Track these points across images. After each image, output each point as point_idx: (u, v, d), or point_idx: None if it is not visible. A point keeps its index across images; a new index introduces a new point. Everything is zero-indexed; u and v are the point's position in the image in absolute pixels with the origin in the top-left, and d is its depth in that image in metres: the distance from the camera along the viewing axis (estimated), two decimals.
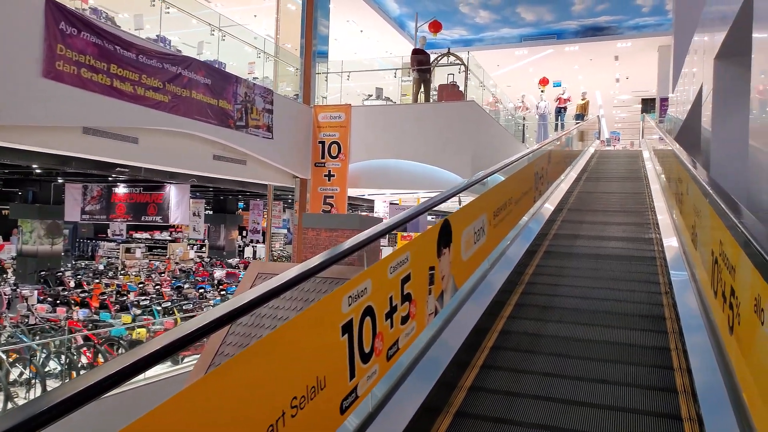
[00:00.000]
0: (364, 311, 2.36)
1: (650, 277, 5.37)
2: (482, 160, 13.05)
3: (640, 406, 3.13)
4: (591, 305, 4.66)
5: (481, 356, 3.74)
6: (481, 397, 3.25)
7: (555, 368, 3.60)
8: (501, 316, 4.41)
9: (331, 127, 14.16)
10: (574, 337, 4.07)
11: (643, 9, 18.38)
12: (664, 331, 4.11)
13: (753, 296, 2.18)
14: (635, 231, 7.32)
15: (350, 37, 20.23)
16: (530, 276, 5.46)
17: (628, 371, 3.53)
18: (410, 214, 3.40)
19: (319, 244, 9.24)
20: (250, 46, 13.57)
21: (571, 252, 6.34)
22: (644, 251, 6.30)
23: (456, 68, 14.53)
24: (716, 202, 3.04)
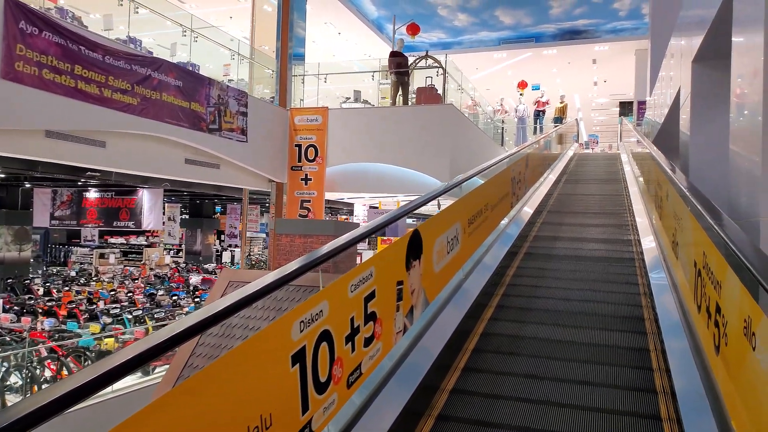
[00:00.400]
0: (319, 336, 2.15)
1: (629, 278, 5.40)
2: (461, 164, 12.92)
3: (621, 406, 3.17)
4: (571, 306, 4.70)
5: (462, 358, 3.74)
6: (464, 399, 3.26)
7: (537, 370, 3.63)
8: (482, 318, 4.42)
9: (307, 130, 13.92)
10: (555, 338, 4.09)
11: (620, 13, 18.44)
12: (643, 332, 4.14)
13: (742, 317, 2.01)
14: (614, 233, 7.35)
15: (328, 39, 20.01)
16: (511, 278, 5.47)
17: (608, 372, 3.56)
18: (384, 221, 3.26)
19: (294, 251, 9.00)
20: (225, 48, 13.28)
21: (551, 254, 6.35)
22: (623, 252, 6.34)
23: (434, 71, 14.39)
24: (699, 212, 2.89)
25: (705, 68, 5.89)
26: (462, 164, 12.97)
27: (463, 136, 13.84)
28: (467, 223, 4.33)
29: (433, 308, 3.82)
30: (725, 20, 4.95)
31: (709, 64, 5.88)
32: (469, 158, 13.99)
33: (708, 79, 5.88)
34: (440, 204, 12.98)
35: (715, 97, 5.84)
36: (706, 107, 5.90)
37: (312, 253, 2.60)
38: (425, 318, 3.69)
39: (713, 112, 5.86)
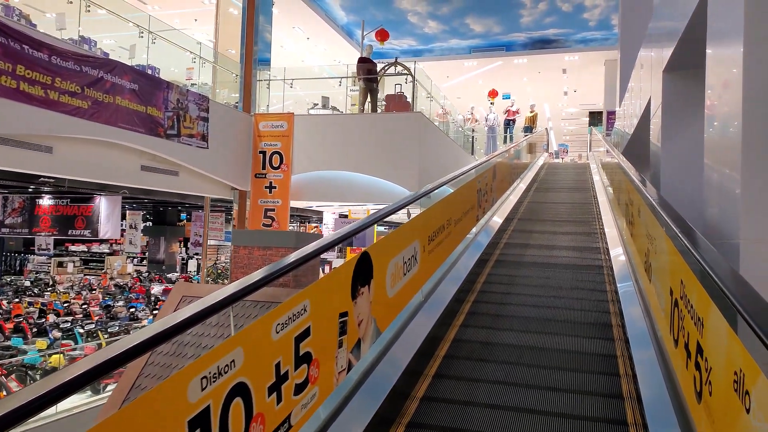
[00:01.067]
0: (231, 391, 1.79)
1: (598, 285, 5.48)
2: (430, 173, 12.66)
3: (589, 412, 3.22)
4: (541, 313, 4.75)
5: (434, 365, 3.74)
6: (434, 406, 3.26)
7: (507, 376, 3.66)
8: (454, 324, 4.43)
9: (272, 137, 13.50)
10: (526, 345, 4.12)
11: (590, 23, 18.47)
12: (610, 338, 4.19)
13: (731, 368, 1.70)
14: (583, 240, 7.42)
15: (297, 44, 19.63)
16: (482, 284, 5.52)
17: (577, 378, 3.61)
18: (343, 235, 3.03)
19: (252, 264, 8.58)
20: (186, 51, 12.79)
21: (521, 261, 6.41)
22: (592, 260, 6.42)
23: (404, 78, 14.13)
24: (676, 235, 2.60)
25: (676, 78, 5.70)
26: (431, 173, 12.72)
27: (433, 144, 13.59)
28: (427, 240, 4.01)
29: (404, 315, 3.76)
30: (697, 31, 4.75)
31: (681, 74, 5.69)
32: (439, 167, 13.74)
33: (679, 89, 5.68)
34: (410, 213, 12.64)
35: (686, 107, 5.64)
36: (677, 118, 5.70)
37: (268, 267, 2.39)
38: (397, 324, 3.60)
39: (684, 122, 5.67)
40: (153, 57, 12.65)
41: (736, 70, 3.18)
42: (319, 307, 2.31)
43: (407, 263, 3.52)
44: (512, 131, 20.20)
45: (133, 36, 11.92)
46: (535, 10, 17.66)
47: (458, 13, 18.01)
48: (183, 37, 13.70)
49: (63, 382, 1.38)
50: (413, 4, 17.42)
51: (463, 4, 17.28)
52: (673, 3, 5.63)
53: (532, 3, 17.19)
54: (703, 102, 5.59)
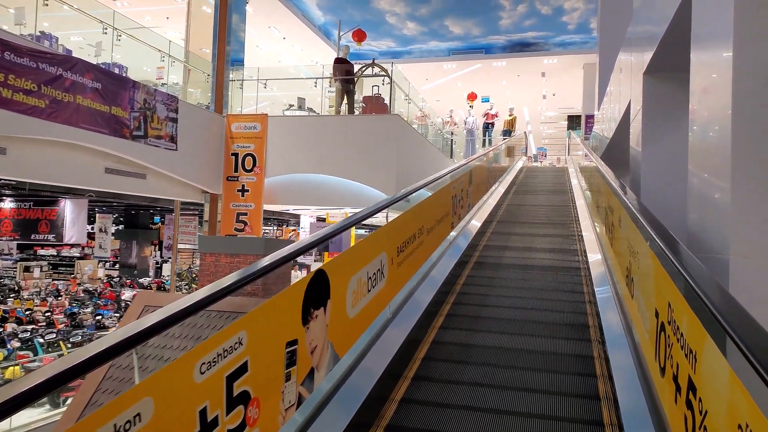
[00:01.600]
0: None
1: (575, 287, 5.51)
2: (408, 177, 12.41)
3: (566, 413, 3.22)
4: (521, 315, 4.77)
5: (413, 367, 3.72)
6: (412, 409, 3.25)
7: (485, 378, 3.66)
8: (433, 326, 4.41)
9: (245, 138, 13.13)
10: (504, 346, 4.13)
11: (569, 26, 18.39)
12: (587, 339, 4.22)
13: (735, 420, 1.44)
14: (561, 242, 7.48)
15: (273, 44, 19.25)
16: (461, 286, 5.52)
17: (554, 379, 3.61)
18: (314, 240, 2.86)
19: (219, 271, 8.23)
20: (155, 50, 12.36)
21: (500, 263, 6.42)
22: (570, 262, 6.47)
23: (381, 80, 13.85)
24: (664, 253, 2.35)
25: (657, 81, 5.49)
26: (410, 177, 12.47)
27: (411, 148, 13.34)
28: (396, 252, 3.72)
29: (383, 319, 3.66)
30: (679, 34, 4.54)
31: (662, 77, 5.49)
32: (418, 171, 13.49)
33: (660, 92, 5.48)
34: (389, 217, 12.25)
35: (667, 111, 5.44)
36: (658, 122, 5.50)
37: (230, 276, 2.17)
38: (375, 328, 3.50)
39: (666, 127, 5.46)
40: (123, 56, 12.24)
41: (724, 73, 2.95)
42: (259, 338, 2.01)
43: (372, 278, 3.23)
44: (491, 135, 20.04)
45: (100, 33, 11.49)
46: (515, 12, 17.52)
47: (437, 15, 17.80)
48: (152, 35, 13.27)
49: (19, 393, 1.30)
50: (391, 4, 17.17)
51: (442, 6, 17.08)
52: (654, 6, 5.43)
53: (512, 5, 17.05)
54: (685, 106, 5.39)
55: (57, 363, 1.47)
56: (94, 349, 1.52)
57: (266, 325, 2.08)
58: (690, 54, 3.86)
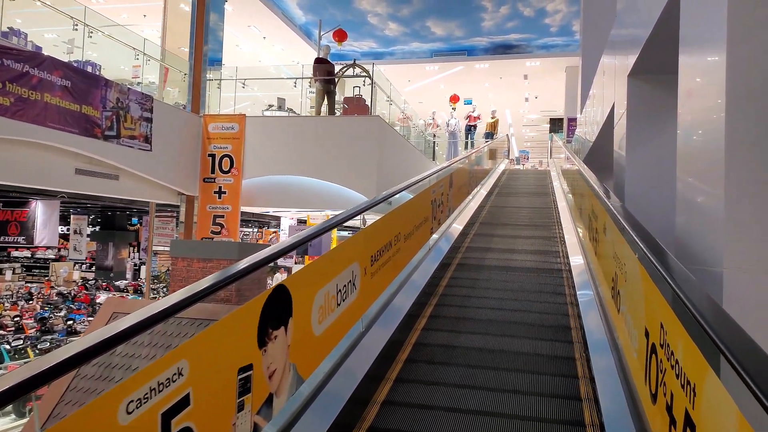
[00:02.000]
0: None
1: (557, 288, 5.49)
2: (389, 179, 12.21)
3: (548, 414, 3.22)
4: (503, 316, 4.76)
5: (395, 369, 3.69)
6: (395, 411, 3.22)
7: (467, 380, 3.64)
8: (415, 328, 4.39)
9: (222, 139, 12.83)
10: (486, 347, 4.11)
11: (551, 29, 18.33)
12: (569, 341, 4.20)
13: None
14: (543, 244, 7.46)
15: (253, 44, 18.94)
16: (444, 288, 5.50)
17: (536, 380, 3.60)
18: (285, 247, 2.71)
19: (191, 277, 7.93)
20: (129, 47, 12.00)
21: (482, 264, 6.40)
22: (552, 263, 6.48)
23: (363, 81, 13.64)
24: (656, 270, 2.15)
25: (642, 83, 5.34)
26: (390, 179, 12.27)
27: (393, 150, 13.13)
28: (369, 262, 3.50)
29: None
30: (665, 35, 4.39)
31: (647, 78, 5.34)
32: (399, 173, 13.30)
33: (646, 95, 5.33)
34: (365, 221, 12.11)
35: (653, 114, 5.30)
36: (643, 125, 5.35)
37: (200, 282, 2.10)
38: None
39: (651, 130, 5.31)
40: (99, 54, 11.90)
41: (717, 74, 2.78)
42: (204, 366, 1.77)
43: (342, 291, 3.00)
44: (473, 137, 19.92)
45: (72, 30, 11.13)
46: (497, 14, 17.41)
47: (419, 16, 17.63)
48: (127, 32, 12.92)
49: None
50: (373, 4, 16.97)
51: (424, 6, 16.92)
52: (639, 8, 5.28)
53: (494, 7, 16.94)
54: (671, 108, 5.24)
55: (19, 371, 1.41)
56: (54, 359, 1.45)
57: (213, 352, 1.85)
58: (677, 56, 3.70)
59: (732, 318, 1.62)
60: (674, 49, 4.81)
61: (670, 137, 5.23)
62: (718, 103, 2.72)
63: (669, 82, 5.25)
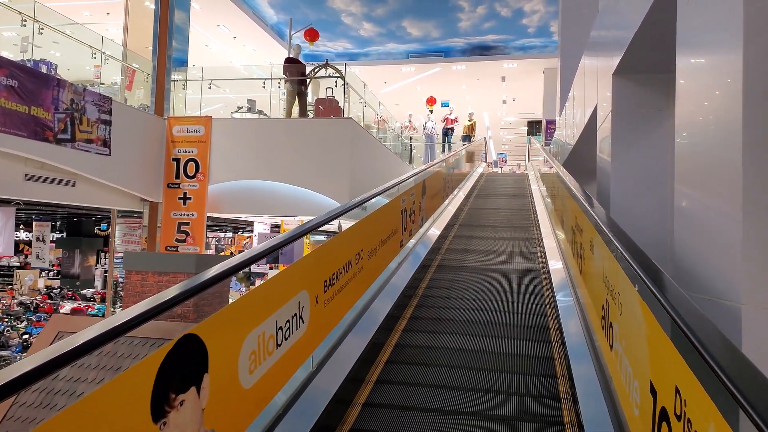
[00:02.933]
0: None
1: (536, 288, 5.48)
2: (362, 184, 11.73)
3: (528, 413, 3.21)
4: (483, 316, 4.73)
5: (375, 371, 3.65)
6: (376, 412, 3.19)
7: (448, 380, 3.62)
8: (396, 329, 4.35)
9: (187, 142, 12.21)
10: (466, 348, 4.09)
11: (528, 29, 18.01)
12: (548, 341, 4.21)
13: None
14: (522, 245, 7.44)
15: (224, 44, 18.32)
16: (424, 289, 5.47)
17: (515, 380, 3.60)
18: (247, 258, 2.50)
19: (146, 292, 7.35)
20: (85, 46, 11.34)
21: (461, 266, 6.30)
22: (530, 264, 6.44)
23: (336, 82, 13.13)
24: (668, 316, 1.68)
25: (629, 82, 4.93)
26: (365, 184, 11.80)
27: (366, 153, 12.65)
28: (322, 287, 3.00)
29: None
30: (656, 31, 3.98)
31: (634, 77, 4.92)
32: (373, 177, 12.82)
33: (632, 94, 4.92)
34: (341, 227, 11.54)
35: (641, 115, 4.88)
36: (629, 127, 4.93)
37: (151, 299, 1.92)
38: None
39: (639, 132, 4.90)
40: (60, 53, 11.26)
41: (730, 72, 2.33)
42: None
43: (285, 328, 2.50)
44: (450, 140, 19.54)
45: (29, 28, 10.45)
46: (474, 14, 17.03)
47: (394, 16, 17.17)
48: (86, 30, 12.25)
49: None
50: (347, 4, 16.47)
51: (399, 6, 16.47)
52: (624, 5, 4.88)
53: (471, 7, 16.56)
54: (661, 109, 4.83)
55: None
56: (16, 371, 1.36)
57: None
58: (666, 54, 3.27)
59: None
60: (663, 48, 4.40)
61: (659, 139, 4.83)
62: (731, 103, 2.27)
63: (658, 81, 4.85)
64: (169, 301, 1.91)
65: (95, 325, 1.66)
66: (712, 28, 2.67)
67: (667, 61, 4.69)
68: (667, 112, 4.88)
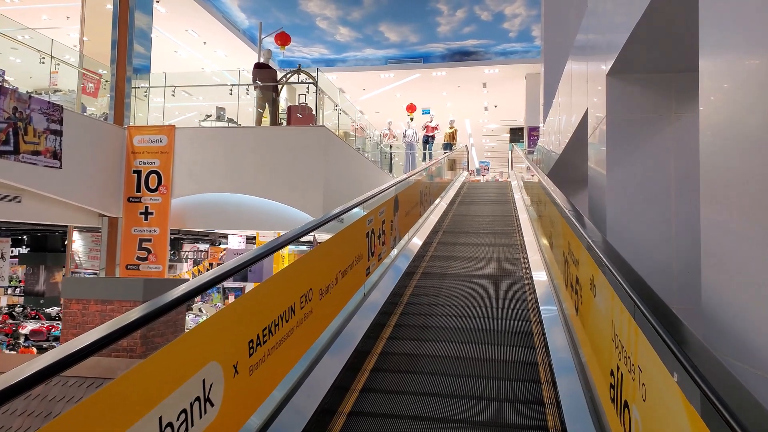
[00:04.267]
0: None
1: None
2: (337, 196, 11.03)
3: (512, 419, 3.14)
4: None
5: (361, 379, 3.59)
6: (361, 421, 3.08)
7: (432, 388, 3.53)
8: (381, 337, 4.29)
9: (149, 153, 11.43)
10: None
11: (510, 34, 17.45)
12: (532, 346, 4.15)
13: None
14: (504, 251, 7.32)
15: (194, 49, 17.55)
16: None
17: (500, 386, 3.54)
18: (204, 282, 2.29)
19: (87, 322, 6.56)
20: (33, 50, 10.51)
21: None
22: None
23: (306, 88, 12.44)
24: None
25: (626, 84, 4.28)
26: (339, 196, 11.11)
27: (341, 163, 11.95)
28: (247, 351, 2.28)
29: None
30: (659, 24, 3.35)
31: (632, 78, 4.28)
32: (350, 188, 12.13)
33: (630, 97, 4.27)
34: (316, 240, 10.75)
35: (641, 119, 4.24)
36: (627, 133, 4.29)
37: (92, 332, 1.68)
38: None
39: (639, 141, 4.25)
40: (19, 60, 10.50)
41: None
42: None
43: (177, 424, 1.79)
44: (431, 148, 18.94)
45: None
46: (453, 18, 16.44)
47: (371, 20, 16.52)
48: (37, 35, 11.43)
49: None
50: (321, 7, 15.78)
51: (376, 9, 15.82)
52: (616, 4, 4.25)
53: (450, 10, 15.96)
54: (663, 114, 4.19)
55: None
56: None
57: None
58: (671, 52, 2.61)
59: None
60: (665, 45, 3.76)
61: (661, 147, 4.18)
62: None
63: (659, 81, 4.21)
64: (110, 335, 1.71)
65: (25, 365, 1.49)
66: (746, 17, 2.02)
67: (669, 60, 4.06)
68: (668, 116, 4.24)
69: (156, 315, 1.91)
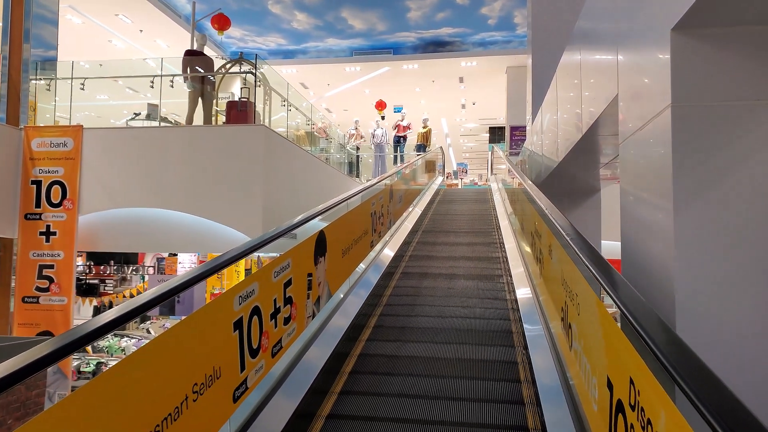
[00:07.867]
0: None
1: None
2: (282, 211, 9.09)
3: (492, 419, 3.23)
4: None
5: (340, 382, 3.70)
6: (340, 424, 3.24)
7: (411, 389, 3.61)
8: (360, 339, 4.33)
9: (51, 160, 9.32)
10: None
11: (489, 21, 15.50)
12: (511, 345, 4.20)
13: None
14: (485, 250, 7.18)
15: (130, 39, 15.35)
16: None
17: (479, 386, 3.61)
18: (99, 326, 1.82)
19: None
20: None
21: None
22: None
23: (246, 79, 10.40)
24: None
25: (713, 47, 2.34)
26: (284, 211, 9.18)
27: (290, 170, 9.96)
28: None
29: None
30: None
31: (722, 33, 2.34)
32: (301, 201, 10.12)
33: (719, 72, 2.33)
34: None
35: (738, 112, 2.30)
36: (716, 142, 2.35)
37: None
38: None
39: (736, 152, 2.32)
40: None
41: None
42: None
43: None
44: (403, 149, 17.00)
45: None
46: (424, 3, 14.47)
47: (331, 4, 14.47)
48: None
49: None
50: None
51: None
52: None
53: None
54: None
55: None
56: None
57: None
58: None
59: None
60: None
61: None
62: None
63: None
64: None
65: None
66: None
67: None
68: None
69: None
